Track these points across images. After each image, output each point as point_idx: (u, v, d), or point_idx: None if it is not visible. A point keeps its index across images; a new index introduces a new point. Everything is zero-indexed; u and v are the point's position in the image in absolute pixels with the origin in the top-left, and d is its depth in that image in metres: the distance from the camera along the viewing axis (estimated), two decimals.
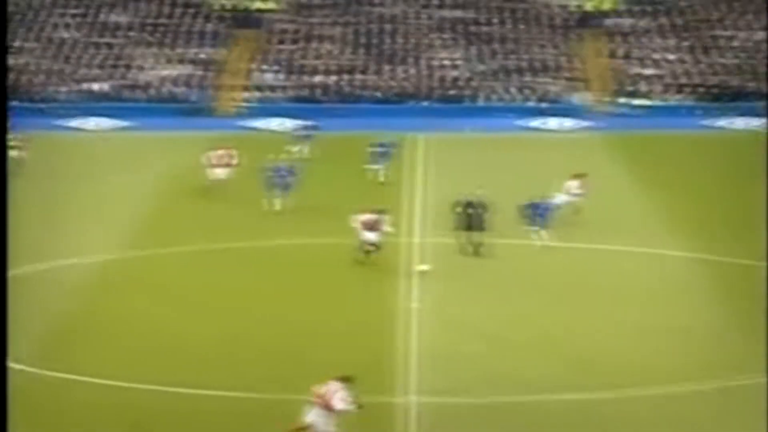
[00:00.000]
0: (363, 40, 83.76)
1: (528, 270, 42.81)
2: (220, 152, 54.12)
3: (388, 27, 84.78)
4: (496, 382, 32.08)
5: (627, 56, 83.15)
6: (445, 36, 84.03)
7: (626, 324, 37.38)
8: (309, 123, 65.14)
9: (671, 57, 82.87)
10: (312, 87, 79.64)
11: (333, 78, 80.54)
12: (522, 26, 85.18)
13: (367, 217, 42.84)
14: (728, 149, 67.97)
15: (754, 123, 75.29)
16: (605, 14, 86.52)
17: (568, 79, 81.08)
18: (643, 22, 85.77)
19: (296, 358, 33.15)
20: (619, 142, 68.27)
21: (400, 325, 36.34)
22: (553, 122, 75.71)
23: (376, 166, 56.97)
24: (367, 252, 42.77)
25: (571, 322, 37.74)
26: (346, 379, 26.98)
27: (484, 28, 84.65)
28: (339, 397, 26.60)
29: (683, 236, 47.43)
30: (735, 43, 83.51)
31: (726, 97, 78.54)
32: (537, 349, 34.96)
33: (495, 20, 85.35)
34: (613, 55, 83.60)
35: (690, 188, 56.85)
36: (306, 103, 77.83)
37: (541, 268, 43.06)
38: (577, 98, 79.46)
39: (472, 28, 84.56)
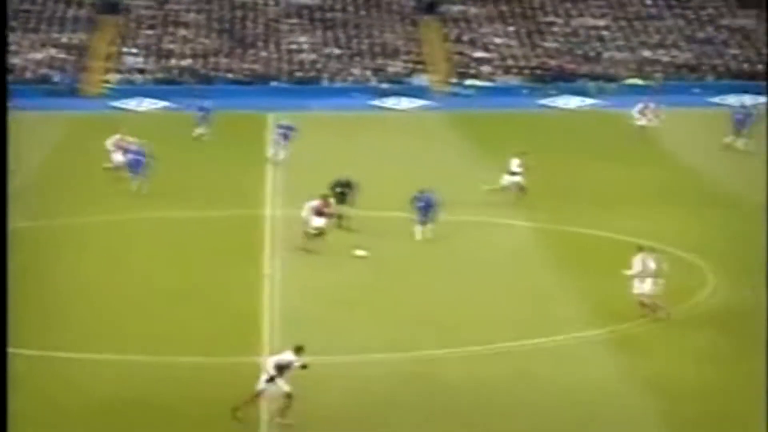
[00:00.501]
0: (219, 25, 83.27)
1: (388, 242, 42.58)
2: (117, 137, 51.86)
3: (242, 13, 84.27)
4: (346, 343, 32.39)
5: (463, 41, 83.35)
6: (297, 21, 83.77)
7: (476, 287, 37.90)
8: (206, 104, 63.54)
9: (502, 41, 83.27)
10: (172, 69, 79.20)
11: (191, 61, 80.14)
12: (368, 12, 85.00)
13: (317, 203, 41.39)
14: (561, 127, 68.92)
15: (588, 102, 76.53)
16: (444, 2, 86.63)
17: (411, 61, 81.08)
18: (476, 10, 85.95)
19: (171, 321, 33.52)
20: (460, 120, 68.65)
21: (264, 292, 36.73)
22: (401, 102, 75.75)
23: (274, 149, 55.92)
24: (314, 236, 41.34)
25: (422, 287, 38.02)
26: (298, 349, 27.39)
27: (334, 14, 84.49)
28: (292, 362, 27.20)
29: (525, 207, 47.68)
30: (556, 29, 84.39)
31: (549, 78, 79.48)
32: (385, 312, 35.34)
33: (344, 7, 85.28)
34: (450, 39, 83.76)
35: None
36: (167, 84, 77.45)
37: (400, 240, 42.87)
38: (420, 79, 79.55)
39: (323, 14, 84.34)
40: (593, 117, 72.45)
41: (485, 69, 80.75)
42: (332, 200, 42.55)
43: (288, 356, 27.34)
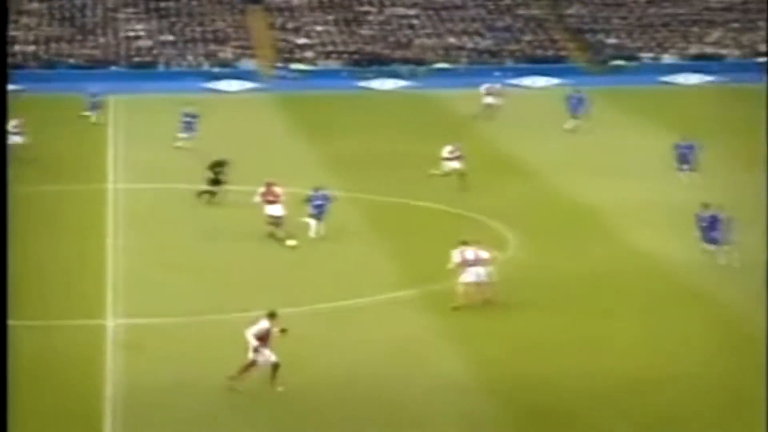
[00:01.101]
0: (60, 14, 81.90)
1: (239, 216, 42.26)
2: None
3: (82, 2, 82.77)
4: (185, 306, 32.67)
5: (287, 28, 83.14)
6: (134, 11, 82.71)
7: (298, 254, 38.37)
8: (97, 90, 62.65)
9: (322, 29, 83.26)
10: (16, 55, 77.60)
11: (34, 47, 78.76)
12: (200, 2, 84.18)
13: (262, 189, 39.22)
14: (377, 106, 69.60)
15: (401, 84, 76.87)
16: None
17: (240, 47, 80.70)
18: (299, 0, 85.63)
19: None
20: (286, 101, 68.66)
21: (110, 260, 36.81)
22: (232, 84, 75.55)
23: (184, 135, 54.58)
24: (273, 225, 39.49)
25: (255, 255, 38.37)
26: (271, 315, 26.98)
27: (168, 4, 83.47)
28: (268, 330, 26.70)
29: (343, 177, 47.93)
30: (371, 18, 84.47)
31: (366, 62, 79.79)
32: (219, 277, 35.69)
33: None
34: (275, 27, 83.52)
35: (343, 136, 57.88)
36: (12, 69, 75.95)
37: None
38: (248, 64, 79.21)
39: (157, 4, 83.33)
40: (405, 97, 72.97)
41: (308, 54, 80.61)
42: (276, 187, 39.72)
43: (263, 324, 26.81)
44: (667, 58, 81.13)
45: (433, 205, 43.78)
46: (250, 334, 26.65)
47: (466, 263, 32.78)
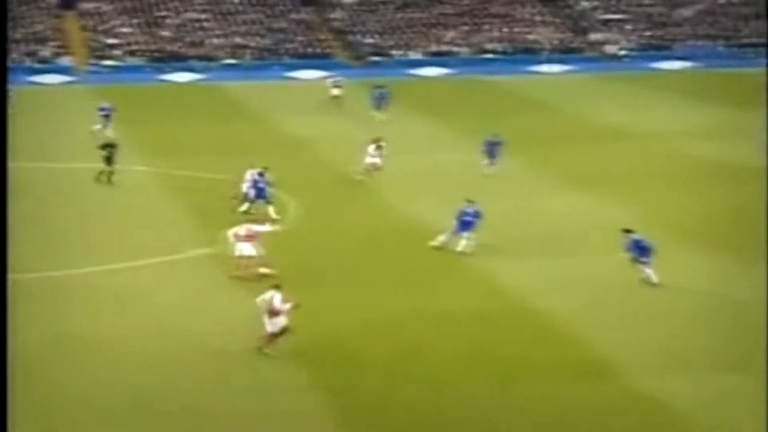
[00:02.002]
0: None
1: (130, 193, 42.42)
2: None
3: None
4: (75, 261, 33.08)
5: (98, 30, 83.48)
6: None
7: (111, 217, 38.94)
8: None
9: (128, 31, 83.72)
10: None
11: None
12: (20, 6, 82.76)
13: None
14: (176, 96, 70.06)
15: (195, 77, 77.22)
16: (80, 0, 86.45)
17: (57, 47, 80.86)
18: (107, 6, 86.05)
19: None
20: (99, 92, 67.84)
21: None
22: (53, 78, 75.73)
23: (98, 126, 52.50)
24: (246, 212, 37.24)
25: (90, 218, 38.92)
26: (277, 287, 25.92)
27: None
28: (278, 300, 25.58)
29: (147, 155, 48.24)
30: (169, 21, 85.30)
31: (166, 59, 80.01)
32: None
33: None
34: (88, 29, 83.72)
35: (147, 121, 57.96)
36: None
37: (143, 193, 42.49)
38: (66, 61, 79.48)
39: None
40: (200, 89, 73.70)
41: (116, 52, 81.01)
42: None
43: (271, 296, 25.62)
44: (413, 55, 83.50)
45: (224, 176, 42.75)
46: (260, 304, 25.66)
47: (238, 238, 31.41)
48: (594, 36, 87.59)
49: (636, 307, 29.93)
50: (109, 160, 43.83)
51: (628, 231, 32.17)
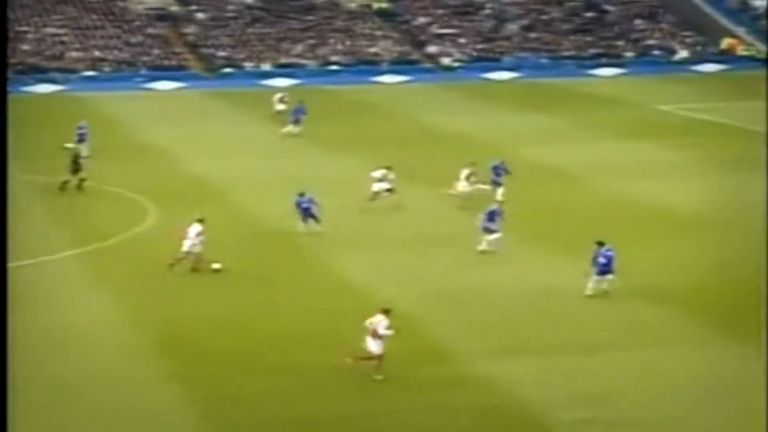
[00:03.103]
0: None
1: None
2: None
3: None
4: None
5: None
6: None
7: None
8: None
9: None
10: None
11: None
12: None
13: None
14: (38, 106, 68.13)
15: (56, 88, 76.11)
16: None
17: None
18: None
19: None
20: None
21: None
22: None
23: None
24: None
25: None
26: (386, 311, 24.84)
27: None
28: (383, 326, 24.47)
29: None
30: (30, 36, 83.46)
31: (29, 71, 78.42)
32: None
33: None
34: None
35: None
36: None
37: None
38: None
39: None
40: (61, 99, 72.56)
41: None
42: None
43: (379, 320, 24.58)
44: (264, 66, 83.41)
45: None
46: (368, 325, 24.66)
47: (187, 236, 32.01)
48: (430, 49, 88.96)
49: (473, 296, 30.70)
50: (74, 170, 42.60)
51: (600, 243, 30.90)
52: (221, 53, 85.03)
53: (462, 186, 41.00)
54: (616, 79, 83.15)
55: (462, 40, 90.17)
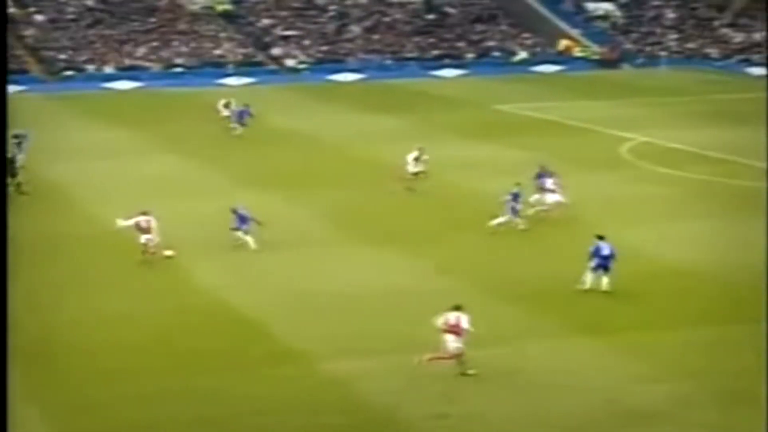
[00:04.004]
0: None
1: None
2: None
3: None
4: None
5: None
6: None
7: None
8: None
9: None
10: None
11: None
12: None
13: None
14: None
15: None
16: None
17: None
18: None
19: None
20: None
21: None
22: None
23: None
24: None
25: None
26: (458, 308, 24.70)
27: None
28: (466, 321, 24.40)
29: None
30: None
31: None
32: None
33: None
34: None
35: None
36: None
37: None
38: None
39: None
40: None
41: None
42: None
43: (456, 317, 24.49)
44: (107, 69, 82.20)
45: None
46: (440, 323, 24.59)
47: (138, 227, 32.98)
48: (275, 51, 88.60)
49: (321, 297, 30.59)
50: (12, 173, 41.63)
51: (600, 237, 30.80)
52: (62, 56, 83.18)
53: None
54: (458, 80, 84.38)
55: (306, 42, 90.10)
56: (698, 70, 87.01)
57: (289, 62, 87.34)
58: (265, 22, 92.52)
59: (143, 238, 33.10)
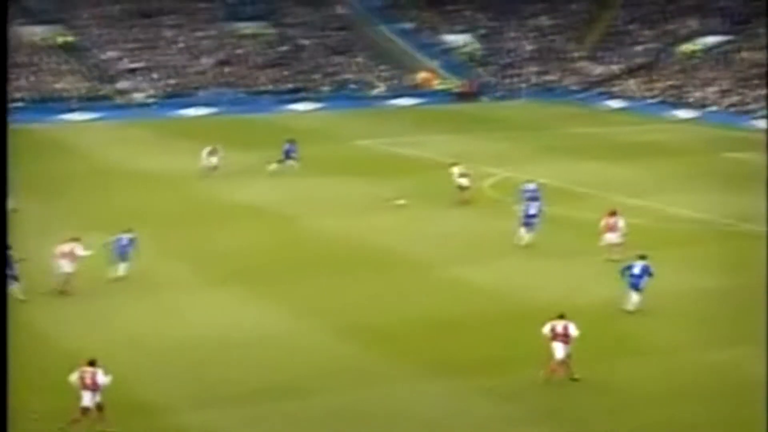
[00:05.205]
0: None
1: None
2: None
3: None
4: None
5: None
6: None
7: None
8: None
9: None
10: None
11: None
12: None
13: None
14: None
15: None
16: None
17: None
18: None
19: None
20: None
21: None
22: None
23: None
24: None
25: None
26: (562, 316, 26.36)
27: None
28: (572, 327, 26.10)
29: None
30: None
31: None
32: None
33: None
34: None
35: None
36: None
37: None
38: None
39: None
40: None
41: None
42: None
43: (564, 325, 26.41)
44: None
45: None
46: (549, 332, 26.32)
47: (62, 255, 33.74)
48: (121, 84, 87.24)
49: (171, 344, 29.86)
50: None
51: (642, 257, 32.36)
52: None
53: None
54: (313, 114, 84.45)
55: (154, 75, 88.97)
56: (558, 103, 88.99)
57: (137, 96, 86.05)
58: (110, 54, 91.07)
59: (62, 264, 33.45)
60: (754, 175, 55.93)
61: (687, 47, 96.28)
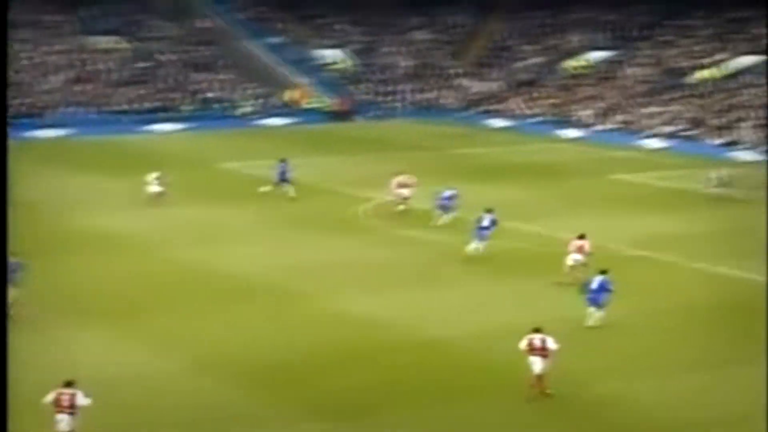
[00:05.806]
0: None
1: None
2: None
3: None
4: None
5: None
6: None
7: None
8: None
9: None
10: None
11: None
12: None
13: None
14: None
15: None
16: None
17: None
18: None
19: None
20: None
21: None
22: None
23: None
24: None
25: None
26: (538, 330, 27.25)
27: None
28: (550, 341, 26.96)
29: None
30: None
31: None
32: None
33: None
34: None
35: None
36: None
37: None
38: None
39: None
40: None
41: None
42: None
43: (541, 338, 27.18)
44: None
45: None
46: (525, 347, 27.16)
47: None
48: None
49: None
50: None
51: (603, 272, 33.55)
52: None
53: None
54: (175, 135, 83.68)
55: None
56: (437, 122, 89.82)
57: None
58: None
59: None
60: (644, 198, 57.27)
61: (571, 63, 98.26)
